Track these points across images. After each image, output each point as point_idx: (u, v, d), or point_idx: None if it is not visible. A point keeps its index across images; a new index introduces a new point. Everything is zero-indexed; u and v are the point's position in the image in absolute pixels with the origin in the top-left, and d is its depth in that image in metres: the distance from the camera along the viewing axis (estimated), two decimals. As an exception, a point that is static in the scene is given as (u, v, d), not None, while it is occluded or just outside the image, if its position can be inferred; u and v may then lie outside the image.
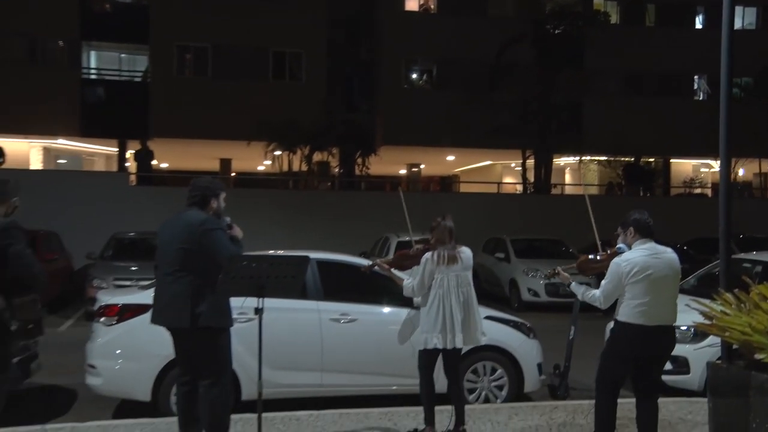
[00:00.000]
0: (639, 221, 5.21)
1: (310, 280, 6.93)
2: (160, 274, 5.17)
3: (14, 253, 4.29)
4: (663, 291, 5.08)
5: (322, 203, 21.18)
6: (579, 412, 6.68)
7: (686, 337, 7.44)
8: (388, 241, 15.53)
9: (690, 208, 22.31)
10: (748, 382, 5.27)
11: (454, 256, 5.68)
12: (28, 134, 24.06)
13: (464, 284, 5.69)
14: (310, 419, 6.30)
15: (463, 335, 5.63)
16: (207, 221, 5.01)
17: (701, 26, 28.99)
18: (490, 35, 23.28)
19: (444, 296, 5.59)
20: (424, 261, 5.68)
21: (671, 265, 5.15)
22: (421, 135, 25.27)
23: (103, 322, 6.83)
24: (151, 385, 6.58)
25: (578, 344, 7.73)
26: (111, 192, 19.57)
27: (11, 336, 4.36)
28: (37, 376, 7.45)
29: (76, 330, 12.02)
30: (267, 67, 25.65)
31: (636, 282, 5.03)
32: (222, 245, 4.93)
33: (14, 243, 4.30)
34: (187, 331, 4.95)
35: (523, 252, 16.73)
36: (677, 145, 26.38)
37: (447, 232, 5.74)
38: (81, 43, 24.86)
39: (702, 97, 28.77)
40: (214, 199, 5.18)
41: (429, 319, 5.60)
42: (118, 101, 24.90)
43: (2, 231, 4.31)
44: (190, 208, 5.16)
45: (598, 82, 26.76)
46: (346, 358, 6.93)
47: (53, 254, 15.12)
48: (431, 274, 5.62)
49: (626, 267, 5.07)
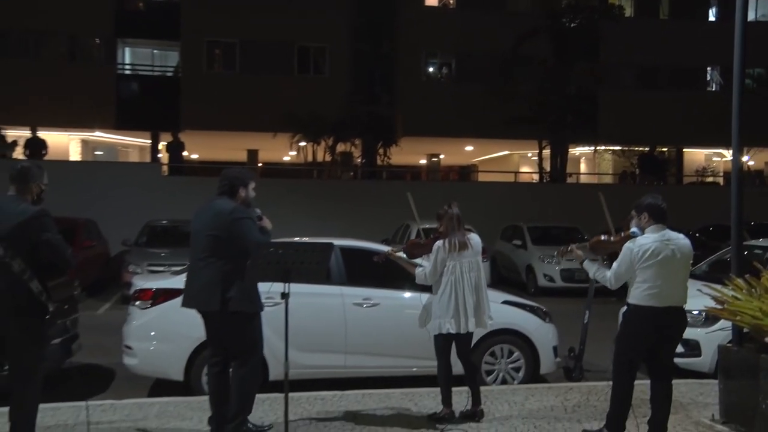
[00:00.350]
0: (653, 206, 5.14)
1: (334, 266, 6.96)
2: (192, 260, 5.22)
3: (46, 240, 4.34)
4: (673, 275, 5.03)
5: (345, 192, 21.16)
6: (593, 393, 6.67)
7: (698, 321, 7.38)
8: (409, 228, 15.52)
9: (702, 196, 22.03)
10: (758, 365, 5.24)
11: (465, 242, 5.65)
12: (67, 127, 24.31)
13: (474, 269, 5.67)
14: (334, 399, 6.35)
15: (475, 319, 5.63)
16: (236, 210, 5.04)
17: (714, 19, 28.55)
18: (508, 29, 23.06)
19: (456, 282, 5.57)
20: (435, 249, 5.64)
21: (682, 250, 5.09)
22: (441, 126, 25.13)
23: (138, 306, 6.92)
24: (183, 365, 6.65)
25: (592, 328, 7.70)
26: (144, 182, 19.70)
27: (50, 317, 4.43)
28: (78, 356, 7.55)
29: (113, 313, 12.16)
30: (292, 62, 25.64)
31: (647, 266, 4.99)
32: (249, 233, 4.96)
33: (45, 230, 4.36)
34: (218, 314, 4.99)
35: (540, 239, 16.66)
36: (690, 135, 26.04)
37: (455, 220, 5.71)
38: (116, 40, 25.00)
39: (714, 88, 28.35)
40: (243, 188, 5.21)
41: (441, 304, 5.59)
42: (151, 95, 25.05)
43: (33, 219, 4.36)
44: (219, 197, 5.19)
45: (613, 74, 26.43)
46: (368, 340, 6.96)
47: (91, 241, 15.30)
48: (443, 261, 5.60)
49: (638, 252, 5.02)
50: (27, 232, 4.31)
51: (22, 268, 4.28)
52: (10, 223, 4.31)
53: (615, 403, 5.22)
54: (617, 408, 5.21)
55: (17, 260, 4.27)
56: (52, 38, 24.23)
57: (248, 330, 5.07)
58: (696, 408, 6.22)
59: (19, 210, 4.36)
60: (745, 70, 6.01)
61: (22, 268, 4.28)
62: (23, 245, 4.30)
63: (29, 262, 4.31)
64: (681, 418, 5.85)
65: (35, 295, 4.30)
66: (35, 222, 4.33)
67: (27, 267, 4.29)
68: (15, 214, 4.34)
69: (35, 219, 4.34)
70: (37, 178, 4.59)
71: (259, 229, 5.07)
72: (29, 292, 4.30)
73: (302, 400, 6.19)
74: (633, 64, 26.89)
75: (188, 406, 6.06)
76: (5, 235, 4.29)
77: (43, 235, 4.32)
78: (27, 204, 4.44)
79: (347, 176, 25.84)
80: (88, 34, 24.68)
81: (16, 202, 4.44)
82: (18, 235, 4.30)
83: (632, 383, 5.20)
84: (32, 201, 4.52)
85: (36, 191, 4.57)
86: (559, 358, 7.52)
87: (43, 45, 24.23)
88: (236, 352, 5.11)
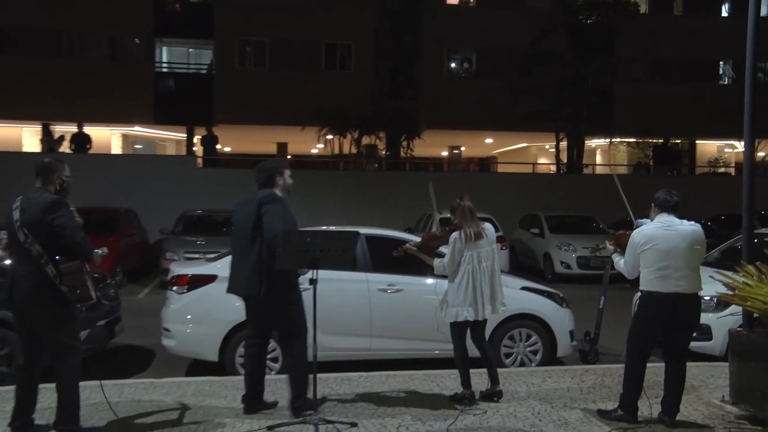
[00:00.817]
0: (659, 198, 5.20)
1: (360, 254, 6.97)
2: (235, 249, 5.27)
3: (58, 225, 4.45)
4: (675, 261, 5.00)
5: (370, 183, 21.18)
6: (608, 375, 6.64)
7: (709, 306, 7.30)
8: (431, 217, 15.49)
9: (714, 186, 21.71)
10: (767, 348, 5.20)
11: (479, 232, 5.61)
12: (109, 122, 24.61)
13: (490, 258, 5.64)
14: (360, 380, 6.38)
15: (491, 306, 5.61)
16: (266, 197, 5.09)
17: (727, 14, 28.06)
18: (526, 25, 22.86)
19: (473, 271, 5.54)
20: (452, 240, 5.60)
21: (684, 237, 5.05)
22: (462, 119, 25.04)
23: (176, 291, 6.98)
24: (218, 346, 6.72)
25: (607, 313, 7.64)
26: (181, 173, 19.87)
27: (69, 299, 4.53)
28: (120, 338, 7.69)
29: (152, 297, 12.31)
30: (320, 58, 25.65)
31: (644, 252, 5.07)
32: (268, 220, 4.97)
33: (59, 216, 4.45)
34: (262, 299, 5.04)
35: (557, 228, 16.56)
36: (703, 127, 25.68)
37: (467, 212, 5.67)
38: (154, 40, 25.20)
39: (727, 81, 27.89)
40: (279, 176, 5.25)
41: (459, 293, 5.55)
42: (186, 92, 25.25)
43: (49, 206, 4.47)
44: (260, 189, 5.24)
45: (628, 68, 26.14)
46: (392, 324, 6.97)
47: (132, 230, 15.48)
48: (461, 251, 5.56)
49: (637, 238, 5.13)
50: (43, 219, 4.45)
51: (40, 252, 4.43)
52: (32, 211, 4.48)
53: (627, 383, 5.22)
54: (629, 388, 5.20)
55: (35, 245, 4.43)
56: (96, 39, 24.64)
57: (292, 312, 5.12)
58: (707, 389, 6.17)
59: (40, 199, 4.52)
60: (757, 63, 5.91)
61: (40, 253, 4.43)
62: (41, 231, 4.44)
63: (46, 248, 4.44)
64: (692, 398, 5.80)
65: (51, 278, 4.43)
66: (51, 209, 4.46)
67: (44, 252, 4.43)
68: (36, 203, 4.50)
69: (51, 206, 4.47)
70: (58, 170, 4.69)
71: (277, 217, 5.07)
72: (46, 276, 4.43)
73: (330, 381, 6.23)
74: (647, 59, 26.59)
75: (222, 385, 6.13)
76: (28, 223, 4.46)
77: (56, 221, 4.43)
78: (48, 194, 4.57)
79: (372, 168, 25.85)
80: (129, 34, 24.96)
81: (38, 193, 4.59)
82: (37, 222, 4.45)
83: (643, 365, 5.18)
84: (55, 191, 4.65)
85: (58, 182, 4.68)
86: (575, 342, 7.48)
87: (88, 46, 24.65)
88: (285, 333, 5.16)
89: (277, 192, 5.21)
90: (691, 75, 26.78)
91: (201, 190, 18.60)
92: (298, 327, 5.18)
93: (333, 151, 25.60)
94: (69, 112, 22.41)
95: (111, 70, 23.94)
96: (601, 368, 7.02)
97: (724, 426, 5.20)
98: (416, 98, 27.62)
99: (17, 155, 20.12)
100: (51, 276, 4.44)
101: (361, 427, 5.01)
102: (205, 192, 18.35)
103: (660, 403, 5.23)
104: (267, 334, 5.42)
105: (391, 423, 5.12)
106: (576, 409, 5.56)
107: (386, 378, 6.44)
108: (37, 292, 4.47)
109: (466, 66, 27.34)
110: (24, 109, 22.92)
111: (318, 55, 25.59)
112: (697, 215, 11.13)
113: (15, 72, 22.82)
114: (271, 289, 4.99)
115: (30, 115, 23.52)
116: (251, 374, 5.32)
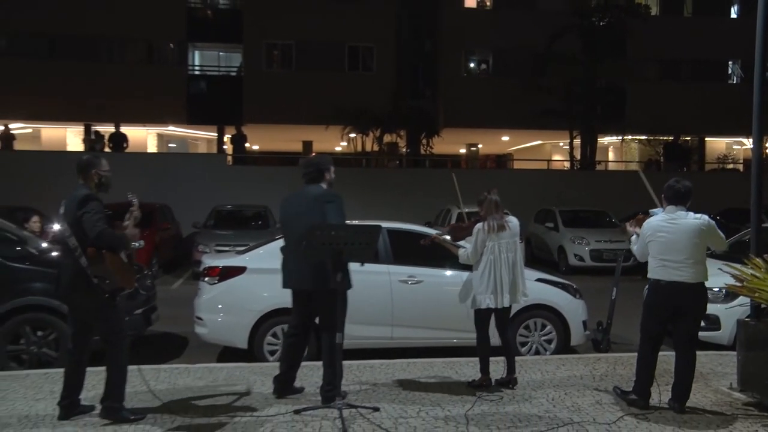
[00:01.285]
0: (667, 189, 5.18)
1: (382, 247, 6.98)
2: (288, 244, 5.26)
3: (80, 216, 4.52)
4: (677, 251, 4.98)
5: (391, 179, 21.17)
6: (619, 363, 6.59)
7: (718, 297, 7.23)
8: (450, 212, 15.47)
9: (723, 182, 21.40)
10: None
11: (503, 225, 5.60)
12: (145, 123, 24.87)
13: (512, 250, 5.62)
14: (382, 367, 6.39)
15: (510, 295, 5.60)
16: (326, 194, 5.13)
17: (735, 15, 27.62)
18: (541, 27, 22.69)
19: (495, 261, 5.54)
20: (476, 231, 5.61)
21: (686, 231, 5.01)
22: (479, 118, 24.96)
23: (207, 282, 7.03)
24: (247, 335, 6.76)
25: (619, 304, 7.59)
26: (212, 171, 20.00)
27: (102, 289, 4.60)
28: (156, 325, 7.78)
29: (185, 287, 12.41)
30: (343, 60, 25.65)
31: (650, 242, 5.11)
32: (331, 216, 5.01)
33: (85, 212, 4.52)
34: (317, 292, 5.06)
35: (570, 222, 16.46)
36: (712, 125, 25.36)
37: (493, 205, 5.66)
38: (187, 44, 25.43)
39: (735, 80, 27.47)
40: (327, 172, 5.29)
41: (482, 281, 5.56)
42: (217, 93, 25.40)
43: (80, 201, 4.55)
44: (309, 184, 5.24)
45: (639, 68, 25.92)
46: (413, 314, 6.97)
47: (167, 224, 15.64)
48: (483, 242, 5.56)
49: (645, 229, 5.17)
50: (75, 214, 4.53)
51: (75, 245, 4.52)
52: (70, 207, 4.58)
53: (639, 371, 5.21)
54: (641, 375, 5.18)
55: (72, 238, 4.54)
56: (132, 44, 24.96)
57: (339, 305, 5.11)
58: (715, 377, 6.11)
59: (76, 196, 4.61)
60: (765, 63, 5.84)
61: (75, 246, 4.52)
62: (76, 225, 4.54)
63: (81, 241, 4.53)
64: (701, 386, 5.75)
65: (84, 269, 4.52)
66: (80, 204, 4.54)
67: (78, 245, 4.52)
68: (73, 199, 4.60)
69: (81, 201, 4.55)
70: (95, 166, 4.76)
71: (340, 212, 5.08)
72: (80, 267, 4.52)
73: (353, 368, 6.25)
74: (658, 59, 26.33)
75: (251, 371, 6.18)
76: (67, 218, 4.57)
77: (83, 216, 4.51)
78: (84, 190, 4.65)
79: (393, 165, 25.82)
80: (163, 39, 25.23)
81: (78, 190, 4.68)
82: (72, 217, 4.55)
83: (654, 352, 5.16)
84: (95, 187, 4.72)
85: (96, 178, 4.74)
86: (588, 331, 7.44)
87: (126, 51, 24.95)
88: (325, 325, 5.17)
89: (324, 186, 5.21)
90: (701, 74, 26.47)
91: (231, 187, 18.71)
92: (339, 319, 5.17)
93: (356, 149, 25.62)
94: (108, 113, 22.68)
95: (147, 73, 24.21)
96: (613, 357, 6.97)
97: (732, 412, 5.15)
98: (435, 98, 27.55)
99: (62, 155, 20.41)
100: (84, 267, 4.52)
101: (382, 411, 5.03)
102: (235, 188, 18.47)
103: (670, 390, 5.20)
104: (310, 326, 5.42)
105: (412, 408, 5.13)
106: (588, 396, 5.53)
107: (407, 365, 6.45)
108: (74, 282, 4.57)
109: (483, 66, 27.21)
110: (67, 110, 23.31)
111: (341, 57, 25.59)
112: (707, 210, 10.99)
113: (59, 76, 23.21)
114: (327, 283, 4.96)
115: (73, 117, 23.88)
116: (287, 361, 5.33)
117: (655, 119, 23.05)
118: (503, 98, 23.62)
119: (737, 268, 5.54)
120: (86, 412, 4.83)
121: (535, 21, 23.97)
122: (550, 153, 30.04)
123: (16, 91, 22.81)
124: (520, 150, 32.05)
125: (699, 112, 24.62)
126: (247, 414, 4.95)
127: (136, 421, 4.72)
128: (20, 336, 6.42)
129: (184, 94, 24.74)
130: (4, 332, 6.37)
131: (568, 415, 5.03)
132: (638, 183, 6.16)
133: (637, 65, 25.53)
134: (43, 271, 6.53)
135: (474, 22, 25.91)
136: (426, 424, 4.79)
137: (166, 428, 4.64)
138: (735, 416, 5.07)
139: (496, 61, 26.51)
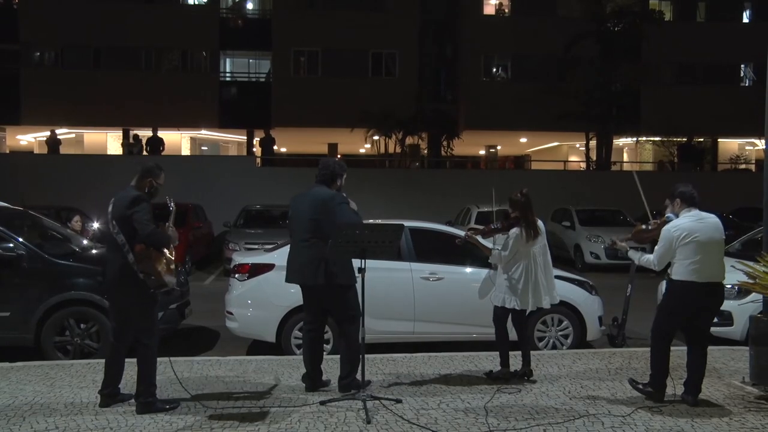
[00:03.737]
0: (684, 192, 5.03)
1: (404, 245, 6.96)
2: (295, 241, 5.26)
3: (131, 215, 4.57)
4: (710, 251, 4.89)
5: (413, 180, 21.15)
6: (634, 358, 6.52)
7: (731, 294, 7.11)
8: (470, 211, 15.40)
9: (735, 181, 21.08)
10: (787, 334, 5.06)
11: (539, 230, 5.54)
12: (179, 127, 25.16)
13: (544, 252, 5.59)
14: (404, 360, 6.39)
15: (549, 297, 5.57)
16: (336, 196, 5.12)
17: (748, 20, 27.14)
18: (558, 32, 22.54)
19: (530, 265, 5.49)
20: (514, 237, 5.48)
21: (716, 228, 4.95)
22: (498, 120, 24.88)
23: (238, 278, 7.07)
24: (275, 328, 6.79)
25: (634, 300, 7.51)
26: (242, 172, 20.17)
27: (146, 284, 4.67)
28: (190, 319, 7.86)
29: (217, 283, 12.54)
30: (367, 66, 25.71)
31: (685, 245, 4.87)
32: (350, 216, 5.04)
33: (136, 211, 4.57)
34: (322, 287, 5.07)
35: (587, 220, 16.31)
36: (725, 126, 25.05)
37: (528, 208, 5.56)
38: (219, 52, 25.70)
39: (748, 83, 27.02)
40: (339, 178, 5.28)
41: (513, 282, 5.49)
42: (247, 98, 25.65)
43: (131, 201, 4.60)
44: (319, 185, 5.25)
45: (654, 72, 25.65)
46: (434, 310, 6.95)
47: (200, 223, 15.81)
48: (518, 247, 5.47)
49: (676, 232, 4.92)
50: (125, 213, 4.58)
51: (123, 242, 4.58)
52: (119, 206, 4.64)
53: (653, 366, 5.12)
54: (657, 369, 5.10)
55: (120, 236, 4.59)
56: (169, 53, 25.28)
57: (348, 299, 5.13)
58: (728, 372, 6.02)
59: (126, 196, 4.67)
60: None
61: (123, 243, 4.58)
62: (124, 223, 4.59)
63: (129, 238, 4.59)
64: (714, 380, 5.67)
65: (130, 265, 4.59)
66: (131, 204, 4.59)
67: (126, 242, 4.58)
68: (123, 199, 4.66)
69: (132, 201, 4.60)
70: (154, 175, 4.82)
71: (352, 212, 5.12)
72: (127, 263, 4.59)
73: (376, 361, 6.26)
74: (672, 62, 26.05)
75: (279, 364, 6.21)
76: (116, 216, 4.62)
77: (134, 215, 4.56)
78: (134, 192, 4.71)
79: (415, 166, 25.82)
80: (197, 48, 25.52)
81: (128, 191, 4.73)
82: (121, 215, 4.60)
83: (668, 349, 5.09)
84: (145, 192, 4.76)
85: (148, 186, 4.80)
86: (603, 327, 7.36)
87: (162, 59, 25.24)
88: (341, 318, 5.19)
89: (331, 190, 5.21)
90: (714, 77, 26.11)
91: (260, 187, 18.85)
92: (353, 312, 5.19)
93: (379, 151, 25.68)
94: (145, 118, 23.01)
95: (181, 80, 24.56)
96: (627, 351, 6.89)
97: (744, 405, 5.07)
98: (456, 101, 27.47)
99: (103, 158, 20.80)
100: (131, 263, 4.59)
101: (405, 403, 5.03)
102: (264, 189, 18.59)
103: (683, 384, 5.13)
104: (324, 320, 5.44)
105: (433, 400, 5.13)
106: (604, 388, 5.48)
107: (428, 359, 6.44)
108: (120, 277, 4.63)
109: (502, 71, 27.08)
110: (108, 116, 23.73)
111: (365, 63, 25.65)
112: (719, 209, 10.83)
113: (102, 84, 23.61)
114: (328, 278, 5.01)
115: (113, 122, 24.31)
116: (311, 358, 5.33)
117: (669, 121, 22.80)
118: (522, 101, 23.49)
119: (750, 266, 5.46)
120: (125, 401, 4.90)
121: (552, 27, 23.82)
122: (566, 154, 29.78)
123: (63, 99, 23.32)
124: (538, 151, 31.82)
125: (712, 114, 24.33)
126: (276, 404, 4.98)
127: (171, 410, 4.78)
128: (65, 328, 6.55)
129: (216, 100, 25.00)
130: (52, 324, 6.51)
131: (584, 408, 4.98)
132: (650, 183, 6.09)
133: (651, 69, 25.24)
134: (86, 268, 6.67)
135: (493, 28, 25.85)
136: (446, 415, 4.78)
137: (198, 416, 4.69)
138: (748, 409, 4.99)
139: (514, 66, 26.36)
